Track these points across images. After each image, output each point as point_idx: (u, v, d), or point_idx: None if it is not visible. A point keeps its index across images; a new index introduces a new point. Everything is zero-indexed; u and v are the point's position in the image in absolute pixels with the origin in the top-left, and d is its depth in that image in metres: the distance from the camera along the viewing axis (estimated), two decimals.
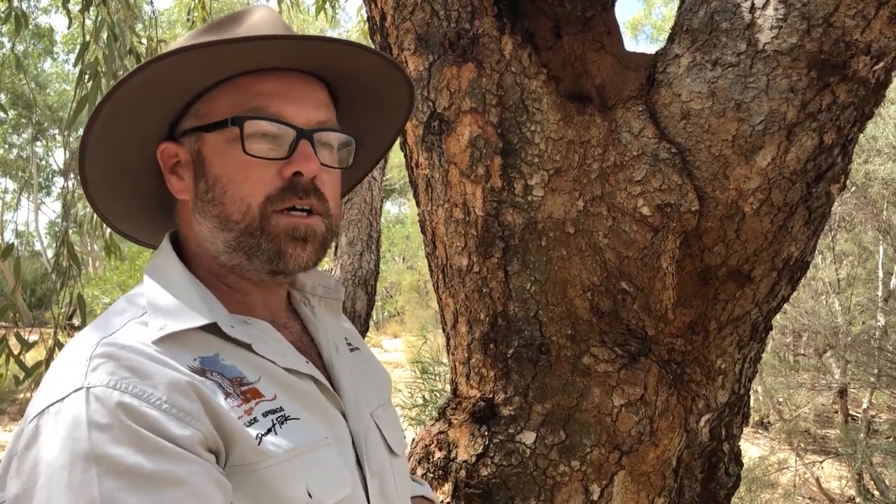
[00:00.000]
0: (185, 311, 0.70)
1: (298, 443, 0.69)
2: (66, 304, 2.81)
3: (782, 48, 0.99)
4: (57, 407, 0.61)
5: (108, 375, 0.62)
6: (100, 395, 0.60)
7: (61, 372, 0.64)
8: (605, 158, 1.13)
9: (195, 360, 0.68)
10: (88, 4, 2.49)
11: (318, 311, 0.88)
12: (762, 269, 1.12)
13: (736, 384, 1.27)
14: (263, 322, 0.77)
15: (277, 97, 0.74)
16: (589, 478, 1.14)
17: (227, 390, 0.67)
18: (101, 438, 0.59)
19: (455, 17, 1.14)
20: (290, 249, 0.74)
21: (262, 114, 0.72)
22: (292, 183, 0.73)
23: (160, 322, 0.68)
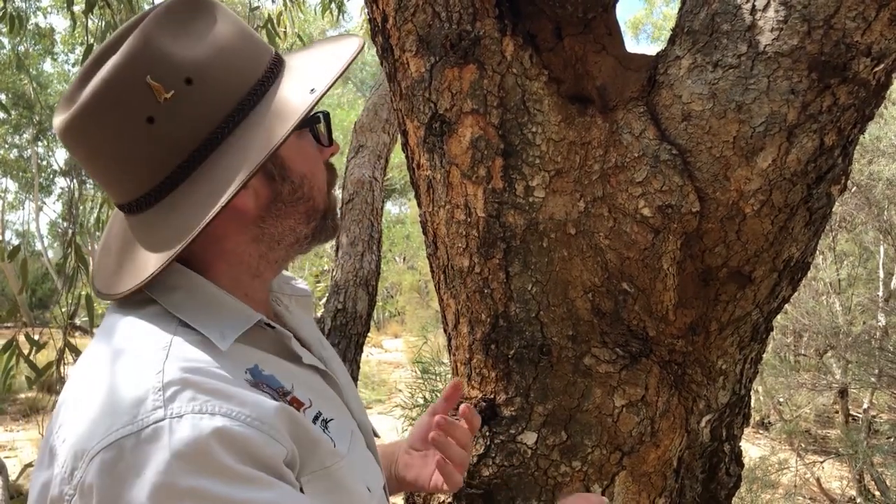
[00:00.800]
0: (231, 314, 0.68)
1: (346, 440, 0.72)
2: (70, 305, 2.82)
3: (783, 50, 0.99)
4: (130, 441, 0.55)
5: (189, 402, 0.57)
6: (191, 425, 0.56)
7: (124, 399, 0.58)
8: (606, 160, 1.13)
9: (246, 372, 0.66)
10: (92, 6, 2.49)
11: (292, 308, 0.89)
12: (763, 270, 1.13)
13: (737, 385, 1.27)
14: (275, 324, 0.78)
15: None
16: (590, 478, 1.14)
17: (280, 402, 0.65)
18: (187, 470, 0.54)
19: (456, 19, 1.14)
20: (337, 220, 0.83)
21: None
22: (329, 165, 0.81)
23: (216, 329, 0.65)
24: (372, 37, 1.28)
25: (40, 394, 7.52)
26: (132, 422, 0.56)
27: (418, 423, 1.06)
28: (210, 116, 0.67)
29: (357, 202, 2.58)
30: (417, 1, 1.15)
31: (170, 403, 0.57)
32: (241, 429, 0.58)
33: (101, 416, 0.58)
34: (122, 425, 0.56)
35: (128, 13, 2.80)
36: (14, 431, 7.88)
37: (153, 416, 0.56)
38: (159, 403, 0.57)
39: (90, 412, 0.58)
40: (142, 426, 0.56)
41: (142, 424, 0.56)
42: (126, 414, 0.57)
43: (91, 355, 0.66)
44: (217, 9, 0.72)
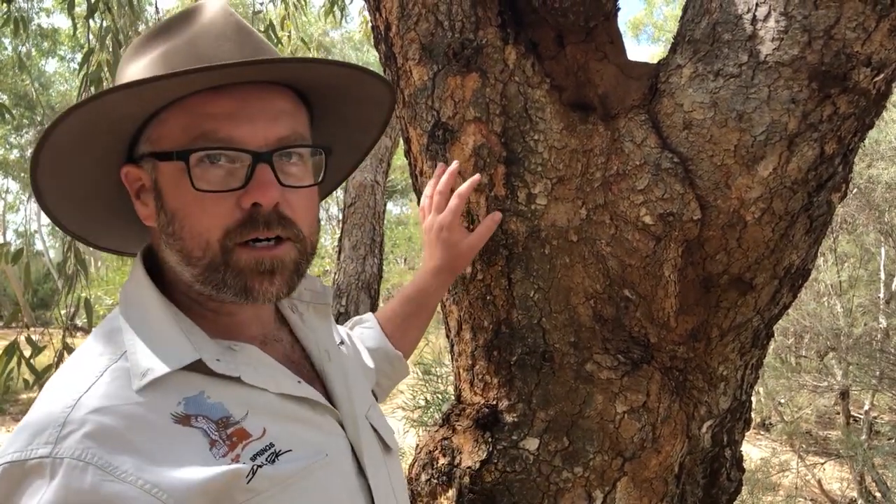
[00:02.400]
0: (167, 350, 0.66)
1: (291, 472, 0.67)
2: (70, 307, 2.83)
3: (784, 60, 1.00)
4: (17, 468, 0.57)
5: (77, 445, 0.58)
6: (62, 473, 0.56)
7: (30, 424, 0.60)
8: (607, 167, 1.14)
9: (179, 404, 0.64)
10: (93, 11, 2.50)
11: (306, 316, 0.86)
12: (764, 277, 1.13)
13: (738, 390, 1.28)
14: (251, 346, 0.74)
15: (228, 118, 0.67)
16: (592, 484, 1.14)
17: (213, 437, 0.64)
18: None
19: (459, 28, 1.15)
20: (256, 284, 0.69)
21: (211, 139, 0.66)
22: (252, 214, 0.68)
23: (143, 365, 0.64)
24: (375, 45, 1.29)
25: None
26: (23, 449, 0.58)
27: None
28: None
29: (359, 206, 2.59)
30: (420, 10, 1.16)
31: (60, 442, 0.58)
32: (115, 485, 0.57)
33: (16, 430, 0.60)
34: (16, 450, 0.58)
35: (129, 17, 2.82)
36: None
37: (41, 450, 0.58)
38: (52, 439, 0.58)
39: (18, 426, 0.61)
40: (28, 457, 0.57)
41: (29, 455, 0.58)
42: (23, 440, 0.59)
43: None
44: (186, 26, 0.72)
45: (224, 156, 0.67)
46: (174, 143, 0.67)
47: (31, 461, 0.57)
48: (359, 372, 0.94)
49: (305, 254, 0.74)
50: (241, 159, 0.67)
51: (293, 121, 0.72)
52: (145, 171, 0.71)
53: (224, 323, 0.74)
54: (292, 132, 0.71)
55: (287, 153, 0.70)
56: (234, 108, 0.67)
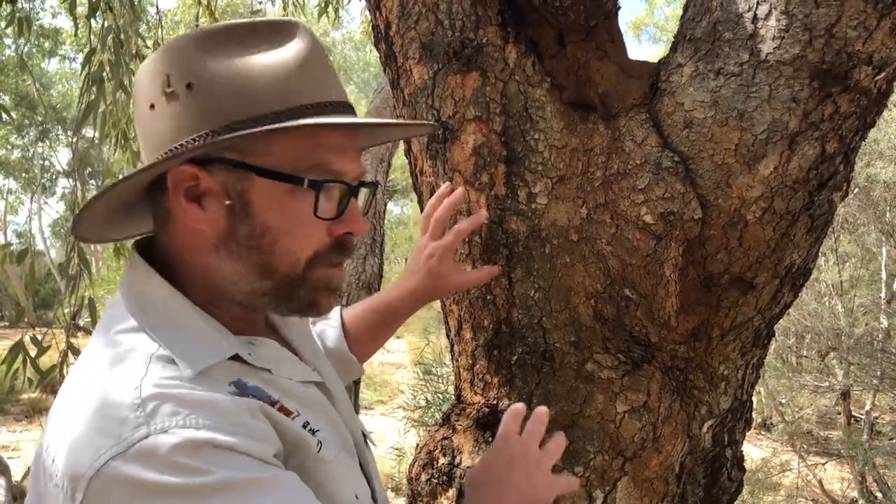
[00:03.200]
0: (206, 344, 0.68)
1: (334, 450, 0.72)
2: (73, 306, 2.83)
3: (784, 58, 0.99)
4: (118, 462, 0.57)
5: (171, 416, 0.59)
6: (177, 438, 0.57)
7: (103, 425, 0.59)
8: (608, 166, 1.14)
9: (230, 384, 0.67)
10: (94, 11, 2.50)
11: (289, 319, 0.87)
12: (765, 276, 1.13)
13: (738, 390, 1.27)
14: (267, 340, 0.76)
15: (339, 152, 0.71)
16: (592, 484, 1.14)
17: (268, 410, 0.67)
18: (191, 470, 0.57)
19: (459, 27, 1.15)
20: (323, 300, 0.74)
21: (328, 171, 0.70)
22: (340, 241, 0.73)
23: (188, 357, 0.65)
24: (375, 44, 1.29)
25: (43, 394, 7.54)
26: (117, 442, 0.57)
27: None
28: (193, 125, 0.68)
29: None
30: (420, 8, 1.16)
31: (151, 419, 0.58)
32: (227, 438, 0.59)
33: (86, 438, 0.59)
34: (109, 447, 0.58)
35: (130, 17, 2.82)
36: (17, 432, 7.90)
37: (137, 433, 0.58)
38: (141, 420, 0.58)
39: (76, 434, 0.60)
40: (128, 445, 0.57)
41: (127, 444, 0.57)
42: (110, 436, 0.58)
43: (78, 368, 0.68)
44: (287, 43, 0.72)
45: (335, 188, 0.72)
46: (285, 164, 0.69)
47: (132, 448, 0.57)
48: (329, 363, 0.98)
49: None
50: (339, 191, 0.72)
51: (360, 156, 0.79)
52: (215, 176, 0.69)
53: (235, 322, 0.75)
54: (364, 169, 0.77)
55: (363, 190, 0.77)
56: (344, 143, 0.73)
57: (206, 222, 0.70)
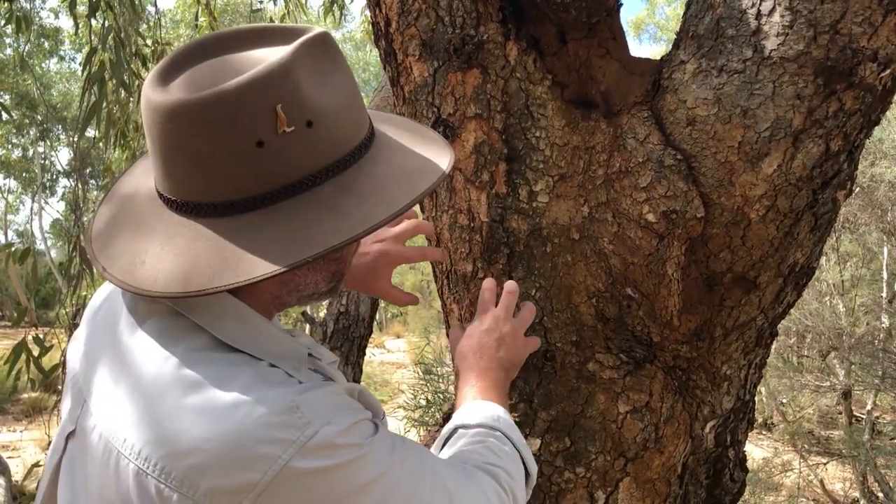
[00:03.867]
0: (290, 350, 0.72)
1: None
2: (73, 306, 2.83)
3: (788, 55, 0.98)
4: (299, 461, 0.60)
5: (327, 410, 0.63)
6: (337, 426, 0.63)
7: (264, 436, 0.60)
8: (610, 164, 1.13)
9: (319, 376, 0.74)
10: (95, 9, 2.49)
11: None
12: (768, 275, 1.12)
13: (741, 390, 1.26)
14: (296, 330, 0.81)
15: None
16: (594, 485, 1.13)
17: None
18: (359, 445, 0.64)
19: (460, 23, 1.13)
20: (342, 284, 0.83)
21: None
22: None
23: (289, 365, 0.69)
24: (375, 41, 1.28)
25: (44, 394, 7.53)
26: (291, 444, 0.60)
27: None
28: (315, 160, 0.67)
29: None
30: (420, 5, 1.15)
31: (314, 417, 0.62)
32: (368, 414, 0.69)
33: (243, 452, 0.59)
34: (283, 451, 0.60)
35: (130, 16, 2.81)
36: (17, 432, 7.90)
37: (307, 432, 0.61)
38: (305, 420, 0.61)
39: (221, 455, 0.59)
40: (303, 443, 0.60)
41: (301, 442, 0.60)
42: (280, 441, 0.60)
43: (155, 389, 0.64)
44: (341, 57, 0.73)
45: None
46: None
47: (308, 444, 0.60)
48: None
49: None
50: None
51: None
52: None
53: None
54: None
55: None
56: None
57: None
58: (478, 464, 0.82)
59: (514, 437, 0.90)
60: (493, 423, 0.90)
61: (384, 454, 0.67)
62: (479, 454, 0.84)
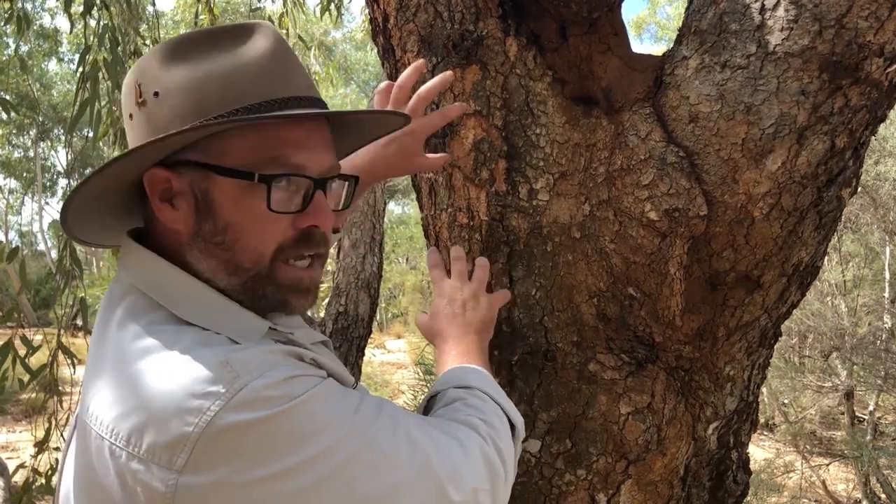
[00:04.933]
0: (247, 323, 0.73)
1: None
2: (68, 306, 2.82)
3: (793, 50, 0.97)
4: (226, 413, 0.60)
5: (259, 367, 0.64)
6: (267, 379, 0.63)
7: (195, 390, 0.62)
8: (611, 162, 1.11)
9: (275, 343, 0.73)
10: (90, 7, 2.48)
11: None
12: (771, 274, 1.10)
13: (744, 391, 1.25)
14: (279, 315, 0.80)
15: (296, 146, 0.73)
16: (595, 487, 1.12)
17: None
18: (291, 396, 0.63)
19: (459, 19, 1.12)
20: (293, 300, 0.77)
21: (285, 165, 0.72)
22: (306, 234, 0.75)
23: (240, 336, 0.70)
24: (373, 37, 1.26)
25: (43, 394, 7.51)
26: (219, 397, 0.61)
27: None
28: (161, 128, 0.72)
29: (359, 204, 2.56)
30: (419, 0, 1.13)
31: (243, 372, 0.63)
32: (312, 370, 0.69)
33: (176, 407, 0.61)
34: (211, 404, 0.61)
35: (127, 15, 2.79)
36: (16, 432, 7.89)
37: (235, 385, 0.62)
38: (234, 374, 0.62)
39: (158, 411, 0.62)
40: (230, 396, 0.61)
41: (229, 395, 0.61)
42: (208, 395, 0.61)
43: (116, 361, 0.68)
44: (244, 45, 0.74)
45: (294, 181, 0.73)
46: (242, 161, 0.71)
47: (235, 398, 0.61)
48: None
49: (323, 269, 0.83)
50: (301, 184, 0.74)
51: (334, 153, 0.80)
52: (183, 177, 0.73)
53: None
54: (336, 163, 0.79)
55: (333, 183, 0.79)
56: (302, 137, 0.74)
57: (179, 222, 0.74)
58: (454, 418, 0.81)
59: (493, 393, 0.90)
60: (469, 382, 0.90)
61: (331, 409, 0.66)
62: (457, 410, 0.84)
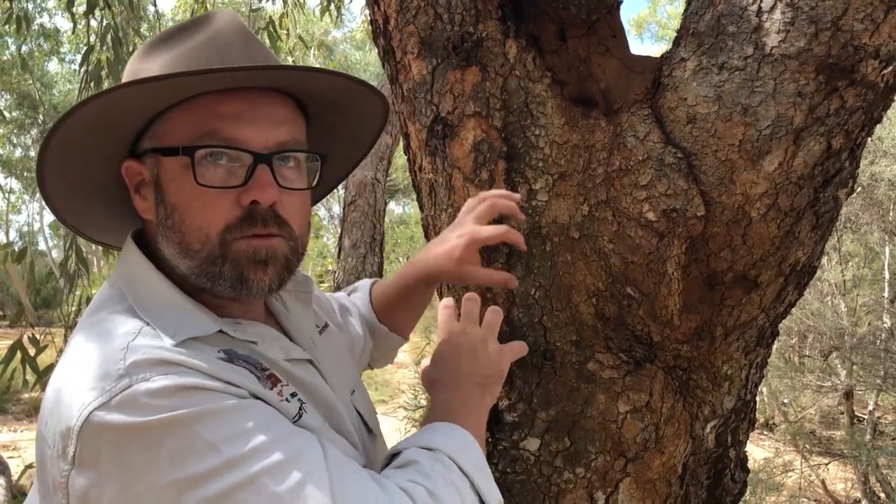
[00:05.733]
0: (189, 320, 0.71)
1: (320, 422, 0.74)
2: (73, 305, 2.83)
3: (790, 52, 0.98)
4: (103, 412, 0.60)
5: (152, 367, 0.62)
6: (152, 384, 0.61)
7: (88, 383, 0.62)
8: (610, 163, 1.12)
9: (219, 352, 0.69)
10: (93, 7, 2.48)
11: (289, 304, 0.89)
12: (769, 274, 1.11)
13: (742, 390, 1.25)
14: (254, 322, 0.78)
15: (234, 119, 0.71)
16: (594, 485, 1.13)
17: (257, 375, 0.69)
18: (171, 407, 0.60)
19: (459, 21, 1.13)
20: (251, 274, 0.73)
21: (216, 138, 0.70)
22: (251, 212, 0.72)
23: (170, 330, 0.68)
24: (373, 39, 1.27)
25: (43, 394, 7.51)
26: (101, 394, 0.61)
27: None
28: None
29: (359, 204, 2.57)
30: (419, 2, 1.14)
31: (133, 372, 0.62)
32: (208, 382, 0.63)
33: (73, 396, 0.63)
34: (93, 399, 0.61)
35: (129, 15, 2.80)
36: (17, 431, 7.90)
37: (119, 384, 0.61)
38: (123, 373, 0.62)
39: (64, 396, 0.64)
40: (111, 395, 0.61)
41: (111, 394, 0.61)
42: (94, 389, 0.62)
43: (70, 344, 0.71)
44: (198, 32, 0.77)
45: (226, 155, 0.71)
46: (180, 139, 0.71)
47: (116, 398, 0.60)
48: (344, 354, 0.99)
49: (296, 252, 0.77)
50: (242, 159, 0.71)
51: (293, 127, 0.76)
52: (147, 166, 0.74)
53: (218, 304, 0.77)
54: (291, 138, 0.75)
55: (285, 157, 0.75)
56: (242, 110, 0.72)
57: (149, 211, 0.76)
58: (397, 481, 0.70)
59: (464, 461, 0.76)
60: (436, 444, 0.77)
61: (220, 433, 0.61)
62: (402, 474, 0.72)
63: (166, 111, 0.72)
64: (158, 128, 0.73)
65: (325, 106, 0.83)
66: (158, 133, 0.73)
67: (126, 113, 0.71)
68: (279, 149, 0.73)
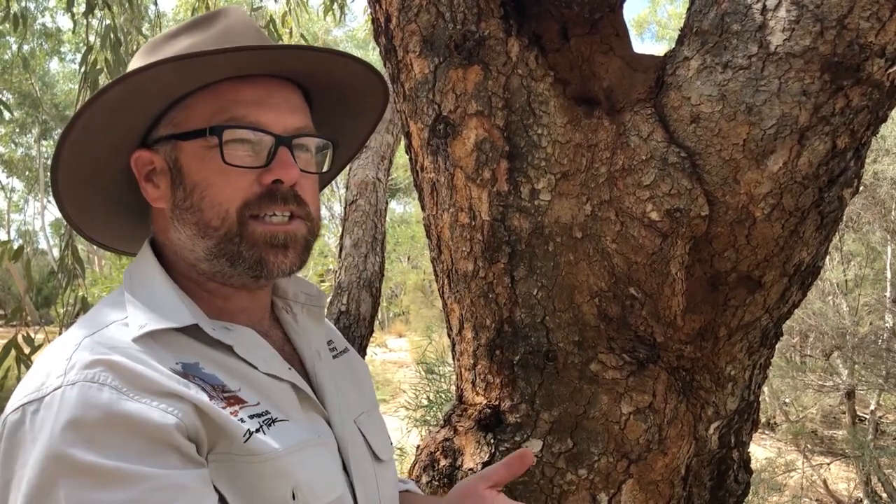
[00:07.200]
0: (167, 311, 0.71)
1: (287, 443, 0.69)
2: (70, 304, 2.82)
3: (795, 50, 0.97)
4: (33, 406, 0.61)
5: (84, 369, 0.62)
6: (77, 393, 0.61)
7: (41, 370, 0.64)
8: (613, 162, 1.11)
9: (177, 363, 0.68)
10: (92, 8, 2.48)
11: (300, 318, 0.88)
12: (773, 274, 1.10)
13: (745, 391, 1.25)
14: (245, 328, 0.77)
15: (255, 105, 0.74)
16: (597, 486, 1.12)
17: (211, 394, 0.67)
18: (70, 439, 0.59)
19: (461, 19, 1.12)
20: (271, 257, 0.74)
21: (241, 123, 0.73)
22: (271, 190, 0.74)
23: (141, 320, 0.69)
24: (375, 37, 1.26)
25: None
26: (37, 389, 0.62)
27: (464, 484, 0.91)
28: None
29: (360, 203, 2.56)
30: (421, 1, 1.13)
31: (70, 372, 0.62)
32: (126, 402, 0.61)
33: (21, 387, 0.64)
34: (29, 392, 0.62)
35: (129, 15, 2.79)
36: None
37: (54, 383, 0.62)
38: (61, 372, 0.62)
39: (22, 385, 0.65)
40: (44, 393, 0.61)
41: (44, 392, 0.62)
42: (34, 383, 0.63)
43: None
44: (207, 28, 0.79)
45: (250, 138, 0.73)
46: (203, 124, 0.73)
47: (46, 397, 0.61)
48: (364, 381, 0.94)
49: (313, 233, 0.80)
50: (265, 142, 0.74)
51: (305, 116, 0.80)
52: (160, 153, 0.76)
53: (217, 306, 0.77)
54: (306, 124, 0.78)
55: (302, 141, 0.78)
56: (261, 96, 0.75)
57: (162, 199, 0.77)
58: None
59: None
60: None
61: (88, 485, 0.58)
62: None
63: (183, 99, 0.75)
64: (177, 115, 0.75)
65: (330, 97, 0.86)
66: (178, 120, 0.75)
67: (151, 94, 0.73)
68: (297, 133, 0.76)
